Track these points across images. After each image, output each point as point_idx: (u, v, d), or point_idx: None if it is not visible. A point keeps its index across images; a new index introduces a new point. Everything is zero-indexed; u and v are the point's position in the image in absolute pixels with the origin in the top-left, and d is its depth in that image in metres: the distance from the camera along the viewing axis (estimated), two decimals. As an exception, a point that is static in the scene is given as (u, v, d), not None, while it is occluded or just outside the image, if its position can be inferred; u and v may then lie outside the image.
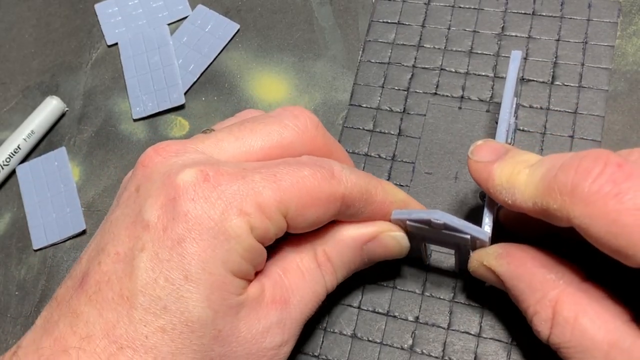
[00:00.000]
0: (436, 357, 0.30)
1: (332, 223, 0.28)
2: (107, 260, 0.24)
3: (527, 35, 0.36)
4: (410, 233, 0.29)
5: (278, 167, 0.26)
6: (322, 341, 0.31)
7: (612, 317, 0.24)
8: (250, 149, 0.27)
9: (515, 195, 0.25)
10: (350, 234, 0.28)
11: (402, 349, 0.30)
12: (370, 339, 0.31)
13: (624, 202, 0.21)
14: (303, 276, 0.27)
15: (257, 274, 0.26)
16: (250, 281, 0.26)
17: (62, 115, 0.41)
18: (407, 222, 0.27)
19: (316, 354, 0.31)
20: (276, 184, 0.25)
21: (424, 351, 0.30)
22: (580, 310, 0.24)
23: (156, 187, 0.25)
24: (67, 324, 0.24)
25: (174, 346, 0.23)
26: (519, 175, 0.25)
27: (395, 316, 0.31)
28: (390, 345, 0.31)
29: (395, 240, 0.29)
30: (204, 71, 0.40)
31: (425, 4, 0.38)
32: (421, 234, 0.28)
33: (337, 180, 0.26)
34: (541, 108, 0.34)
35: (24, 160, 0.41)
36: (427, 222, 0.27)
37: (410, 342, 0.30)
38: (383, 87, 0.37)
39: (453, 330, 0.30)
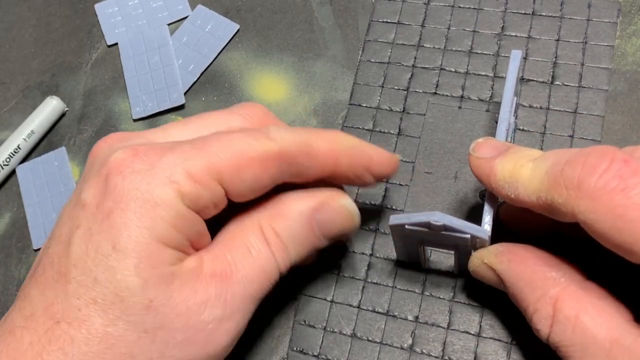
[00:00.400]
0: (436, 357, 0.30)
1: (277, 197, 0.28)
2: (52, 243, 0.25)
3: (527, 35, 0.36)
4: (408, 237, 0.28)
5: (210, 137, 0.26)
6: (322, 341, 0.31)
7: (614, 316, 0.24)
8: (197, 134, 0.27)
9: (518, 190, 0.25)
10: (296, 206, 0.27)
11: (402, 348, 0.30)
12: (370, 338, 0.31)
13: (630, 197, 0.21)
14: (249, 252, 0.26)
15: (198, 250, 0.26)
16: (186, 253, 0.25)
17: (62, 115, 0.41)
18: (406, 226, 0.27)
19: (316, 353, 0.31)
20: (205, 151, 0.25)
21: (424, 351, 0.30)
22: (582, 309, 0.24)
23: (93, 169, 0.26)
24: (17, 307, 0.25)
25: (106, 317, 0.23)
26: (522, 169, 0.25)
27: (395, 316, 0.31)
28: (390, 345, 0.31)
29: (343, 207, 0.28)
30: (204, 71, 0.40)
31: (425, 3, 0.38)
32: (420, 237, 0.28)
33: (272, 138, 0.26)
34: (541, 108, 0.34)
35: (24, 160, 0.41)
36: (427, 225, 0.26)
37: (410, 341, 0.30)
38: (383, 86, 0.37)
39: (453, 329, 0.30)
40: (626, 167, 0.22)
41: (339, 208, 0.28)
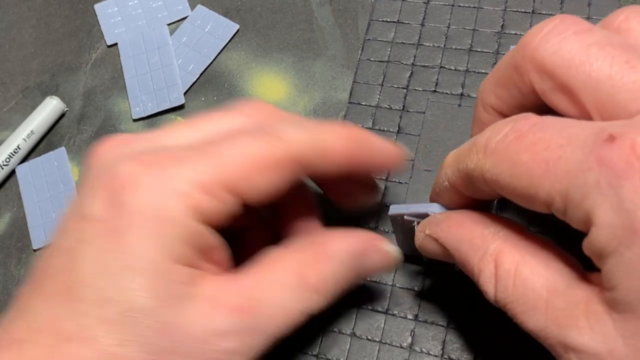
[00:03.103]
0: (436, 356, 0.30)
1: (320, 236, 0.27)
2: (55, 253, 0.25)
3: (526, 33, 0.36)
4: (408, 229, 0.28)
5: (219, 142, 0.25)
6: (321, 340, 0.31)
7: (553, 262, 0.22)
8: (201, 135, 0.27)
9: (446, 173, 0.25)
10: (340, 247, 0.27)
11: (402, 347, 0.30)
12: (369, 337, 0.31)
13: (522, 141, 0.21)
14: (281, 292, 0.25)
15: (217, 263, 0.26)
16: (201, 269, 0.25)
17: (62, 116, 0.41)
18: (405, 217, 0.27)
19: (315, 353, 0.31)
20: (216, 160, 0.24)
21: (424, 349, 0.30)
22: (520, 260, 0.22)
23: (99, 179, 0.25)
24: (19, 317, 0.24)
25: (117, 338, 0.23)
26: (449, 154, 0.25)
27: (394, 314, 0.31)
28: (389, 344, 0.30)
29: (389, 254, 0.28)
30: (204, 71, 0.40)
31: (424, 2, 0.38)
32: None
33: (285, 141, 0.25)
34: (541, 105, 0.34)
35: (24, 160, 0.41)
36: (425, 216, 0.26)
37: (409, 340, 0.30)
38: (382, 85, 0.37)
39: (452, 328, 0.30)
40: (525, 122, 0.21)
41: (385, 254, 0.28)
